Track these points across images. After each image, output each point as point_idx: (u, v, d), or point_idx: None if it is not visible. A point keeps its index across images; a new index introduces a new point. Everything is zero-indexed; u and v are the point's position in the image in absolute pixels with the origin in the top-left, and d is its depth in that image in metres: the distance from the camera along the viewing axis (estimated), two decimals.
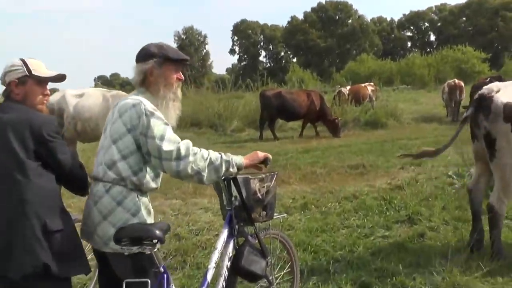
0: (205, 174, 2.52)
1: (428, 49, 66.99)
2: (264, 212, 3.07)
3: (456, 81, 17.71)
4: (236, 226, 2.96)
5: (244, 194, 2.90)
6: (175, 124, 2.71)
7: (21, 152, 2.36)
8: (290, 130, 16.57)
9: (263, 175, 3.03)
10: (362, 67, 52.83)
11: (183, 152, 2.46)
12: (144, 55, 2.67)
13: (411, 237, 5.02)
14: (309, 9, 78.03)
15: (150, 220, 2.57)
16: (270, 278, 3.23)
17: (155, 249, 2.38)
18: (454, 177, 7.64)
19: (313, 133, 15.22)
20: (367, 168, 8.85)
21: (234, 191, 2.91)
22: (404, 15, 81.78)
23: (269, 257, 3.09)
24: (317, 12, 77.34)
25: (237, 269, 2.85)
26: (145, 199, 2.59)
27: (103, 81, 63.18)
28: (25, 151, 2.38)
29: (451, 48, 41.16)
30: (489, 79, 14.31)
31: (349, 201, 6.57)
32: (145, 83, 2.67)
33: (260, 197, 3.00)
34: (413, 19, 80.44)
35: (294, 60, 78.03)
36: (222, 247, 2.85)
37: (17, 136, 2.37)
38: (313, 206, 6.36)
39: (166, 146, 2.44)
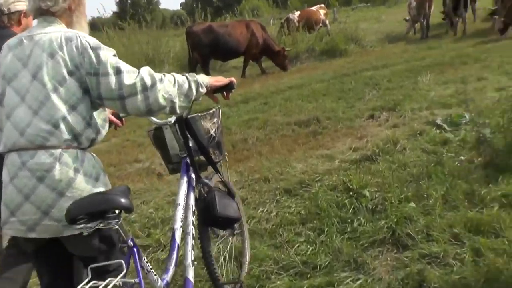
0: (177, 100, 2.01)
1: None
2: (217, 151, 2.72)
3: None
4: (193, 174, 2.53)
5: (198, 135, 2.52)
6: None
7: None
8: (233, 70, 13.68)
9: (212, 111, 2.69)
10: None
11: (148, 81, 1.91)
12: None
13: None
14: None
15: (107, 181, 1.98)
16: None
17: (120, 221, 1.78)
18: (446, 127, 5.23)
19: (259, 72, 12.56)
20: (323, 123, 6.29)
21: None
22: None
23: (236, 197, 2.79)
24: None
25: (213, 219, 2.45)
26: (97, 157, 1.97)
27: None
28: None
29: None
30: None
31: (292, 196, 4.09)
32: (61, 11, 1.99)
33: (214, 135, 2.66)
34: None
35: None
36: (184, 201, 2.37)
37: None
38: None
39: (127, 80, 1.88)
